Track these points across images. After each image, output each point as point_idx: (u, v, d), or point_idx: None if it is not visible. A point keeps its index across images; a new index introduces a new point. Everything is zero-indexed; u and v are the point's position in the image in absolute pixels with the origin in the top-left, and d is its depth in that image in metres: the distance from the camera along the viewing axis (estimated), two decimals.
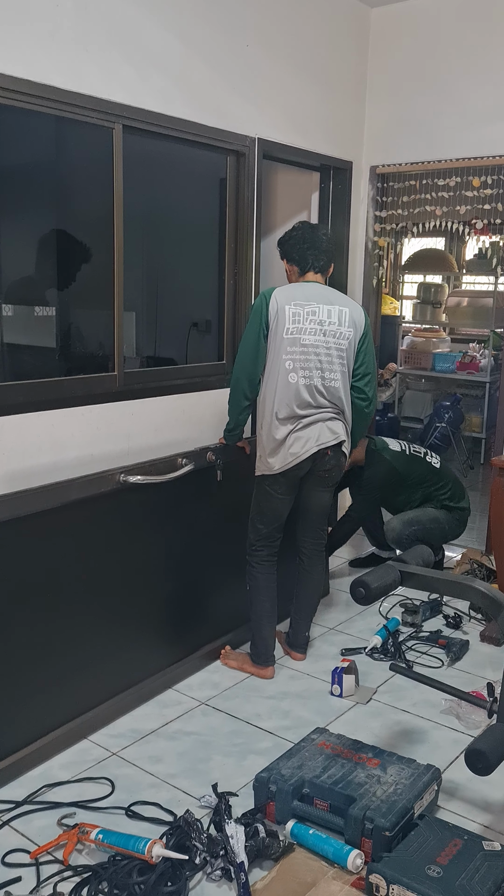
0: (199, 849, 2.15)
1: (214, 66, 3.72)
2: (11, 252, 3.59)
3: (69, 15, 3.06)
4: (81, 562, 2.76)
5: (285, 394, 3.00)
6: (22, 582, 2.55)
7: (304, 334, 3.01)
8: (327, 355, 3.04)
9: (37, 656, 2.60)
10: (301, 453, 3.03)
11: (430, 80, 4.49)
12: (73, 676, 2.75)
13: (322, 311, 3.04)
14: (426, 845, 2.09)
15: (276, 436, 3.02)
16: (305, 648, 3.39)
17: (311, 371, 3.02)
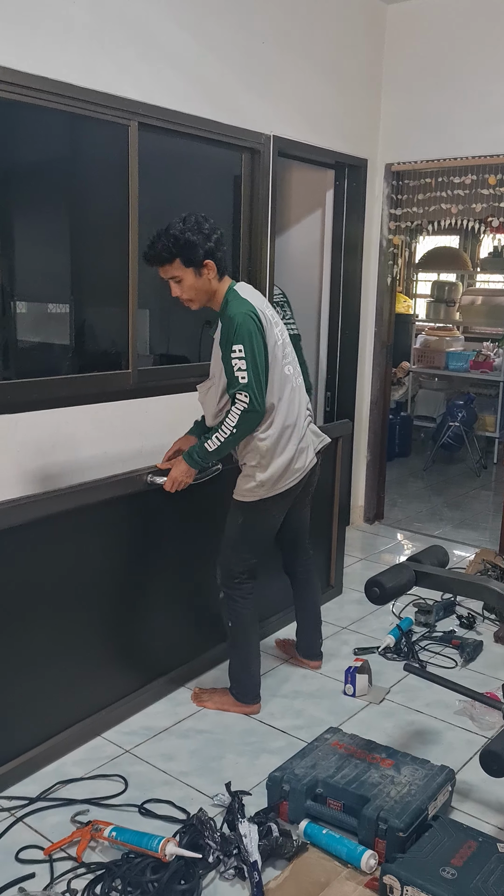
0: (212, 847, 2.15)
1: (230, 64, 3.71)
2: (26, 249, 3.60)
3: (85, 12, 3.06)
4: (101, 561, 2.76)
5: (293, 402, 2.78)
6: (42, 581, 2.56)
7: (284, 333, 2.79)
8: (292, 349, 2.85)
9: (53, 654, 2.61)
10: (305, 466, 2.84)
11: (447, 77, 4.46)
12: (88, 674, 2.75)
13: (269, 305, 2.83)
14: (440, 847, 2.08)
15: (285, 452, 2.74)
16: (321, 656, 3.29)
17: (296, 369, 2.85)
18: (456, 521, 5.38)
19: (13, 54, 2.84)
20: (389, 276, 4.95)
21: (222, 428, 2.65)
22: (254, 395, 2.59)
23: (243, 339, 2.58)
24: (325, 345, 5.04)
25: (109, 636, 2.82)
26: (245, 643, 2.91)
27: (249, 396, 2.59)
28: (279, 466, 2.73)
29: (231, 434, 2.64)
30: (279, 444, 2.73)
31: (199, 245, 2.61)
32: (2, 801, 2.39)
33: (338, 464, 3.84)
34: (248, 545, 2.84)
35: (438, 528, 5.20)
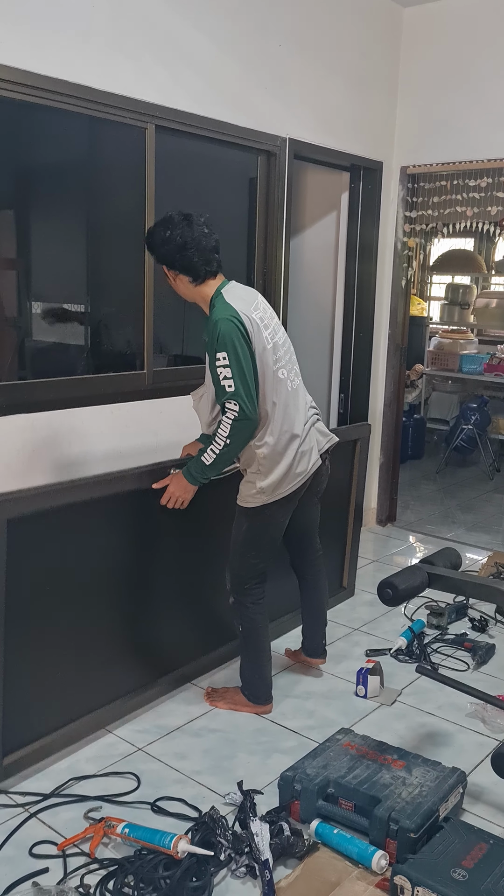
0: (224, 845, 2.16)
1: (246, 67, 3.73)
2: (43, 250, 3.63)
3: (104, 16, 3.08)
4: (116, 553, 2.77)
5: (291, 409, 2.69)
6: (60, 568, 2.57)
7: (276, 335, 2.69)
8: (290, 347, 2.79)
9: (68, 642, 2.63)
10: (308, 469, 2.77)
11: (463, 80, 4.46)
12: (101, 664, 2.77)
13: (264, 306, 2.72)
14: (451, 848, 2.09)
15: (284, 459, 2.68)
16: (324, 654, 3.25)
17: (294, 369, 2.77)
18: (469, 524, 5.37)
19: (33, 57, 2.87)
20: (404, 278, 4.95)
21: (216, 440, 2.59)
22: (243, 402, 2.52)
23: (226, 345, 2.51)
24: (339, 347, 5.04)
25: (123, 628, 2.83)
26: (256, 648, 2.90)
27: (239, 404, 2.52)
28: (280, 472, 2.68)
29: (226, 445, 2.57)
30: (277, 449, 2.67)
31: (157, 248, 2.61)
32: (16, 797, 2.41)
33: (355, 466, 3.83)
34: (254, 550, 2.80)
35: (451, 531, 5.19)
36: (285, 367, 2.69)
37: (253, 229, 4.10)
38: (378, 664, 3.13)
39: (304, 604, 3.20)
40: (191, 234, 2.58)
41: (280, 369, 2.66)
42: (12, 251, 3.54)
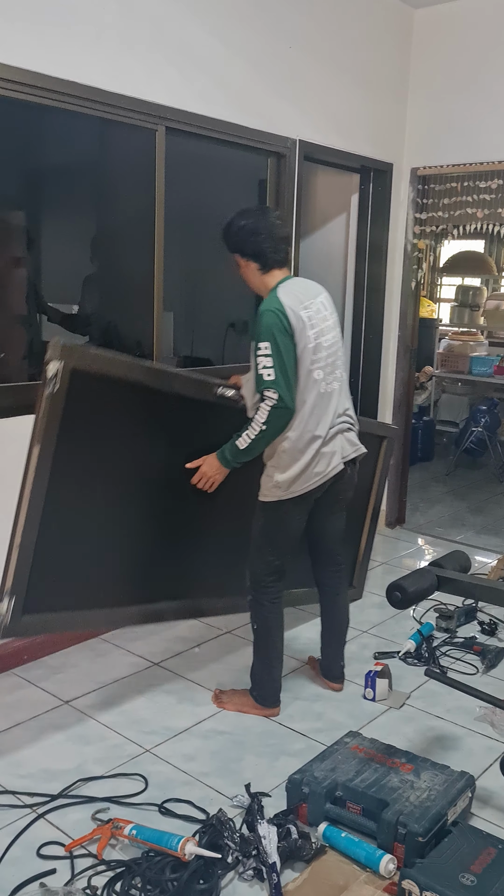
0: (231, 848, 2.16)
1: (257, 68, 3.73)
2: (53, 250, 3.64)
3: (114, 18, 3.09)
4: (163, 452, 2.83)
5: (318, 410, 2.72)
6: (107, 450, 2.65)
7: (323, 336, 2.73)
8: (338, 351, 2.81)
9: (99, 531, 2.75)
10: (327, 472, 2.76)
11: (474, 82, 4.45)
12: (127, 564, 2.88)
13: (320, 305, 2.76)
14: (459, 853, 2.07)
15: (304, 457, 2.70)
16: (343, 678, 3.16)
17: (335, 373, 2.79)
18: (478, 527, 5.35)
19: (45, 59, 2.88)
20: (414, 280, 4.94)
21: (252, 425, 2.63)
22: (282, 391, 2.57)
23: (267, 336, 2.58)
24: (349, 349, 5.03)
25: (150, 537, 2.88)
26: (268, 647, 2.91)
27: (278, 393, 2.57)
28: (297, 469, 2.70)
29: (261, 431, 2.61)
30: (297, 446, 2.69)
31: (231, 235, 2.74)
32: (24, 798, 2.42)
33: (379, 465, 3.80)
34: (270, 547, 2.82)
35: (460, 534, 5.17)
36: (323, 369, 2.72)
37: None
38: (387, 667, 3.12)
39: (324, 620, 3.14)
40: (264, 222, 2.71)
41: (316, 370, 2.70)
42: (21, 251, 3.55)
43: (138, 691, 3.07)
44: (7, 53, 2.78)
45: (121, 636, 3.50)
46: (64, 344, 2.43)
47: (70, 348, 2.44)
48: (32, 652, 3.22)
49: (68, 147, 3.47)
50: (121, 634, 3.51)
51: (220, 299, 4.48)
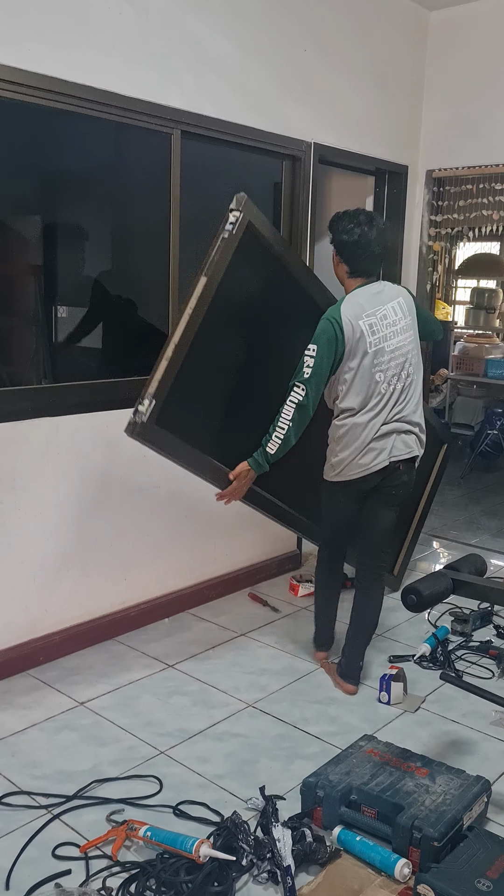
0: (246, 850, 2.16)
1: (272, 71, 3.74)
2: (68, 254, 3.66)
3: (130, 23, 3.11)
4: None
5: (375, 405, 2.89)
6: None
7: (386, 341, 2.89)
8: (407, 353, 2.94)
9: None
10: (371, 465, 2.92)
11: (489, 83, 4.44)
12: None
13: (389, 312, 2.92)
14: (475, 858, 2.06)
15: (351, 447, 2.90)
16: (358, 680, 3.15)
17: (401, 374, 2.93)
18: (493, 530, 5.32)
19: (61, 64, 2.90)
20: (429, 282, 4.93)
21: (278, 426, 2.84)
22: (311, 390, 2.79)
23: (317, 340, 2.81)
24: None
25: (260, 410, 2.99)
26: (316, 598, 3.38)
27: (306, 390, 2.78)
28: (346, 455, 2.93)
29: (288, 428, 2.83)
30: (350, 435, 2.91)
31: (335, 234, 2.94)
32: (39, 798, 2.43)
33: (435, 468, 3.90)
34: (324, 519, 3.19)
35: (475, 537, 5.15)
36: (384, 372, 2.89)
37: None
38: (401, 671, 3.11)
39: (353, 615, 3.18)
40: (365, 235, 2.87)
41: (377, 373, 2.88)
42: (37, 255, 3.57)
43: (153, 693, 3.07)
44: (23, 58, 2.80)
45: (135, 638, 3.51)
46: (247, 199, 2.77)
47: (250, 205, 2.78)
48: (48, 653, 3.23)
49: (84, 151, 3.49)
50: (135, 636, 3.52)
51: None
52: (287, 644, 3.53)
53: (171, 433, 2.78)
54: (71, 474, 3.23)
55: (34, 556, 3.15)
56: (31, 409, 3.06)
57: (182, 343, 2.72)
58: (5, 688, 3.05)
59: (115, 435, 3.35)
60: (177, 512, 3.70)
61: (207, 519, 3.86)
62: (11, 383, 3.20)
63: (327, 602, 3.32)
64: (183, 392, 2.76)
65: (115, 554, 3.47)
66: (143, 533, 3.57)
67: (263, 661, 3.37)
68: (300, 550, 4.46)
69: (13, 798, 2.42)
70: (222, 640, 3.54)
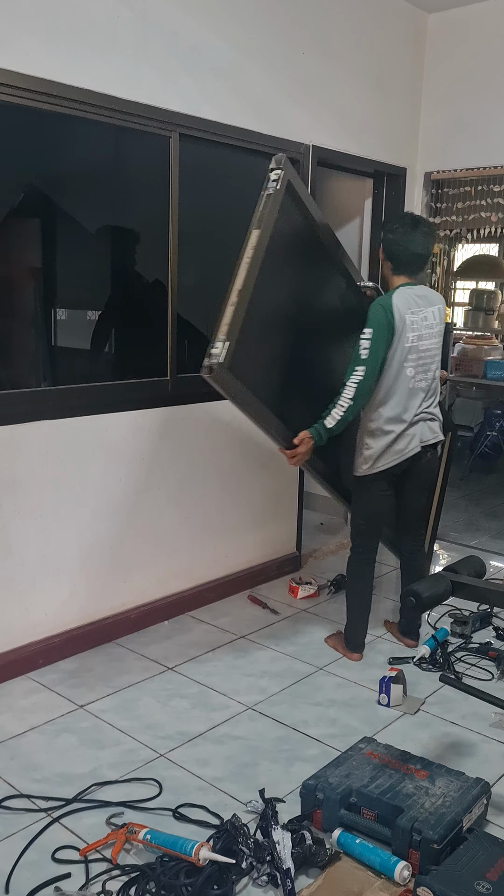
0: (245, 853, 2.16)
1: (270, 74, 3.74)
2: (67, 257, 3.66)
3: (129, 26, 3.11)
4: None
5: (404, 399, 3.14)
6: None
7: (422, 340, 3.14)
8: (434, 356, 3.21)
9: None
10: (406, 451, 3.18)
11: (487, 86, 4.45)
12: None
13: (429, 315, 3.17)
14: (475, 860, 2.06)
15: (386, 438, 3.15)
16: (418, 636, 3.54)
17: (426, 374, 3.19)
18: (493, 532, 5.32)
19: (60, 68, 2.91)
20: (428, 284, 4.93)
21: (339, 403, 3.04)
22: (370, 369, 3.03)
23: (372, 325, 3.03)
24: None
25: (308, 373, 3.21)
26: (353, 597, 3.39)
27: (366, 370, 3.02)
28: (381, 446, 3.15)
29: (349, 407, 3.04)
30: (384, 427, 3.15)
31: (384, 233, 3.20)
32: (39, 802, 2.43)
33: (445, 450, 3.99)
34: (359, 513, 3.36)
35: (475, 539, 5.15)
36: (414, 367, 3.14)
37: None
38: (401, 672, 3.11)
39: (404, 581, 3.55)
40: (408, 237, 3.12)
41: (409, 367, 3.12)
42: (36, 258, 3.57)
43: (153, 696, 3.07)
44: (22, 62, 2.80)
45: (135, 641, 3.51)
46: (287, 158, 2.91)
47: (289, 165, 2.92)
48: (47, 656, 3.23)
49: (83, 154, 3.49)
50: (135, 639, 3.52)
51: None
52: (287, 646, 3.53)
53: (242, 382, 2.83)
54: (70, 477, 3.23)
55: (34, 559, 3.15)
56: (31, 411, 3.07)
57: (244, 289, 2.76)
58: (5, 691, 3.05)
59: (115, 437, 3.36)
60: (176, 514, 3.71)
61: (207, 521, 3.87)
62: (11, 386, 3.20)
63: (364, 598, 3.40)
64: (247, 344, 2.78)
65: (115, 556, 3.47)
66: (142, 535, 3.57)
67: (263, 663, 3.37)
68: (299, 553, 4.46)
69: (13, 801, 2.42)
70: (222, 643, 3.54)
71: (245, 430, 3.94)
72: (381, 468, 3.19)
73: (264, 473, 4.13)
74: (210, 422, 3.77)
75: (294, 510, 4.40)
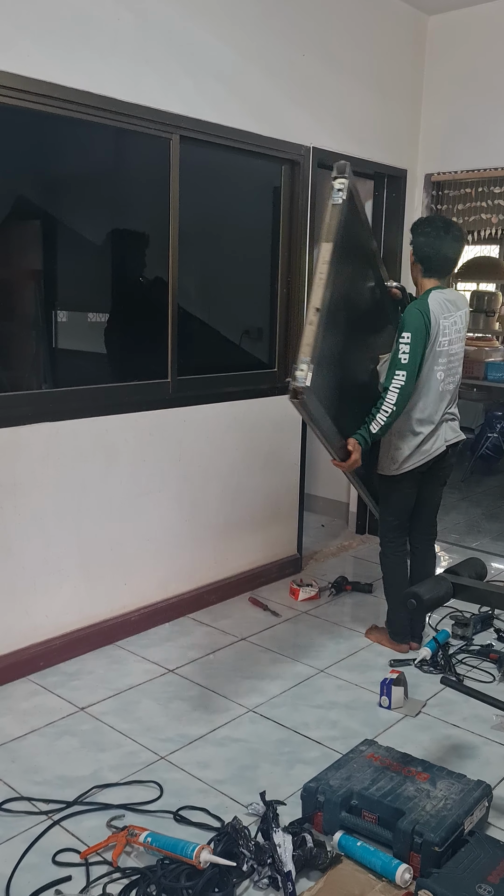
0: (246, 856, 2.15)
1: (270, 76, 3.74)
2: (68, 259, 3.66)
3: (130, 29, 3.11)
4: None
5: (432, 401, 3.20)
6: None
7: (452, 345, 3.20)
8: (460, 360, 3.30)
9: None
10: (432, 451, 3.27)
11: (488, 88, 4.45)
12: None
13: (458, 320, 3.23)
14: (477, 863, 2.06)
15: (416, 439, 3.22)
16: (421, 638, 3.57)
17: (454, 377, 3.28)
18: (494, 534, 5.32)
19: (61, 70, 2.91)
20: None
21: (383, 408, 3.08)
22: (410, 374, 3.06)
23: (410, 328, 3.06)
24: None
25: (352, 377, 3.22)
26: (395, 592, 3.45)
27: (406, 375, 3.05)
28: (411, 447, 3.23)
29: (392, 412, 3.08)
30: (414, 428, 3.20)
31: (414, 236, 3.20)
32: (39, 804, 2.42)
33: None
34: (389, 511, 3.44)
35: (476, 541, 5.15)
36: (444, 371, 3.21)
37: (277, 238, 4.11)
38: (402, 675, 3.11)
39: (413, 580, 3.50)
40: (439, 241, 3.16)
41: (438, 371, 3.18)
42: (37, 260, 3.58)
43: (154, 698, 3.07)
44: (22, 64, 2.80)
45: (136, 643, 3.50)
46: (349, 165, 2.93)
47: (352, 173, 2.94)
48: (48, 658, 3.23)
49: (83, 156, 3.50)
50: (136, 641, 3.52)
51: (235, 306, 4.48)
52: (288, 648, 3.52)
53: (321, 403, 2.87)
54: (71, 479, 3.23)
55: (34, 561, 3.15)
56: (32, 413, 3.07)
57: (323, 308, 2.77)
58: (5, 693, 3.05)
59: (115, 439, 3.36)
60: (177, 516, 3.71)
61: (208, 523, 3.87)
62: (11, 388, 3.21)
63: (404, 588, 3.35)
64: (319, 362, 2.79)
65: (116, 558, 3.47)
66: (143, 537, 3.57)
67: (264, 665, 3.37)
68: (300, 555, 4.46)
69: (13, 804, 2.42)
70: (223, 645, 3.54)
71: (246, 431, 3.95)
72: (409, 468, 3.27)
73: (265, 475, 4.13)
74: (211, 424, 3.77)
75: (295, 512, 4.39)
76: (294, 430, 4.25)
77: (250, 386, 3.99)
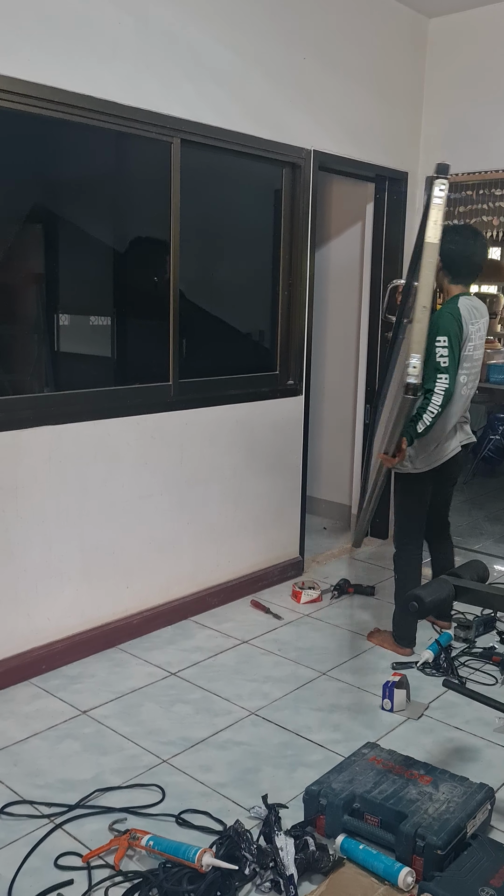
0: (248, 859, 2.15)
1: (271, 79, 3.75)
2: (69, 263, 3.67)
3: (130, 33, 3.12)
4: None
5: (456, 405, 3.26)
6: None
7: (475, 350, 3.27)
8: (479, 365, 3.35)
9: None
10: (449, 452, 3.35)
11: (488, 90, 4.45)
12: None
13: (482, 326, 3.30)
14: (479, 866, 2.05)
15: (439, 439, 3.28)
16: (451, 617, 3.69)
17: (474, 382, 3.35)
18: (496, 536, 5.31)
19: (62, 74, 2.92)
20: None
21: (429, 409, 3.12)
22: (452, 376, 3.11)
23: (445, 332, 3.10)
24: (365, 358, 5.03)
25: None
26: (402, 591, 3.41)
27: (448, 377, 3.09)
28: (430, 448, 3.29)
29: (437, 413, 3.12)
30: (438, 430, 3.23)
31: (443, 243, 3.04)
32: (41, 808, 2.42)
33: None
34: (404, 512, 3.49)
35: (478, 543, 5.14)
36: (467, 375, 3.27)
37: (278, 241, 4.11)
38: (404, 677, 3.10)
39: (434, 563, 3.70)
40: (467, 248, 3.24)
41: (462, 375, 3.23)
42: (39, 264, 3.58)
43: (156, 701, 3.07)
44: (23, 68, 2.81)
45: (138, 646, 3.50)
46: (448, 167, 2.85)
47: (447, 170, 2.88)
48: (50, 661, 3.23)
49: (85, 160, 3.51)
50: (138, 644, 3.52)
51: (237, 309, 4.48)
52: (290, 651, 3.52)
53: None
54: (73, 482, 3.23)
55: (36, 564, 3.16)
56: (33, 417, 3.07)
57: (429, 307, 2.77)
58: (7, 696, 3.05)
59: (117, 442, 3.37)
60: (179, 519, 3.71)
61: (210, 526, 3.87)
62: (13, 392, 3.21)
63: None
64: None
65: (118, 562, 3.47)
66: (145, 541, 3.57)
67: (266, 668, 3.37)
68: (302, 557, 4.46)
69: (15, 807, 2.42)
70: (225, 648, 3.54)
71: (247, 434, 3.95)
72: (431, 466, 3.33)
73: (267, 478, 4.13)
74: (212, 426, 3.77)
75: (297, 514, 4.39)
76: (296, 433, 4.26)
77: (252, 389, 3.99)
